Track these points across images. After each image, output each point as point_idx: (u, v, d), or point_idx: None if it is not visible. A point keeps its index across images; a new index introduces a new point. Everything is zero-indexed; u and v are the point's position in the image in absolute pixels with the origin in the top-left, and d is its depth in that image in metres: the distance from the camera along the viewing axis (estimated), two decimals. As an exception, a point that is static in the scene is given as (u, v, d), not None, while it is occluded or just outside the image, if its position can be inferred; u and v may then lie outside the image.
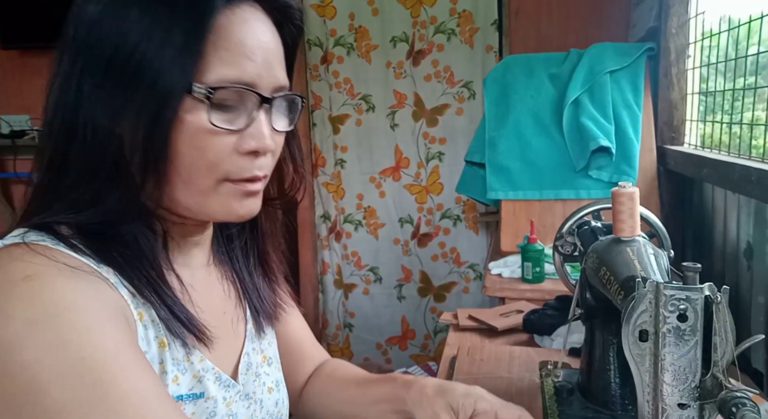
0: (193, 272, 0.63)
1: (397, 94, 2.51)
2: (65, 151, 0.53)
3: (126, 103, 0.51)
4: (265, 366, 0.70)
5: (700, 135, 1.64)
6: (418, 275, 2.63)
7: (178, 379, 0.56)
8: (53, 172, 0.54)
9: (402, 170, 2.57)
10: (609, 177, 1.69)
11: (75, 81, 0.52)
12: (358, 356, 2.70)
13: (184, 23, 0.50)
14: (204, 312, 0.61)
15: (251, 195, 0.58)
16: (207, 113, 0.52)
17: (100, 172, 0.53)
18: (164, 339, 0.55)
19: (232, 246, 0.70)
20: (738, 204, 1.29)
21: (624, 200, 0.74)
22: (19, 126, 2.61)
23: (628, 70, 1.76)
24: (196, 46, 0.51)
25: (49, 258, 0.49)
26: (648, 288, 0.53)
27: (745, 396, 0.48)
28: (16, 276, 0.47)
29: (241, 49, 0.53)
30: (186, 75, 0.50)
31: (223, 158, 0.54)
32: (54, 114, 0.53)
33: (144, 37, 0.50)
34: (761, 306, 1.16)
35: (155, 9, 0.51)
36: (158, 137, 0.51)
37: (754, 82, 1.26)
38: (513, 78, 1.86)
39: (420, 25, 2.44)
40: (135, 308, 0.53)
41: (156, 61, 0.50)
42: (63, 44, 0.54)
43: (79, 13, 0.53)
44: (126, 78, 0.50)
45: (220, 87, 0.52)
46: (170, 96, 0.50)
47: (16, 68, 2.65)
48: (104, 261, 0.52)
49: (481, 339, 1.25)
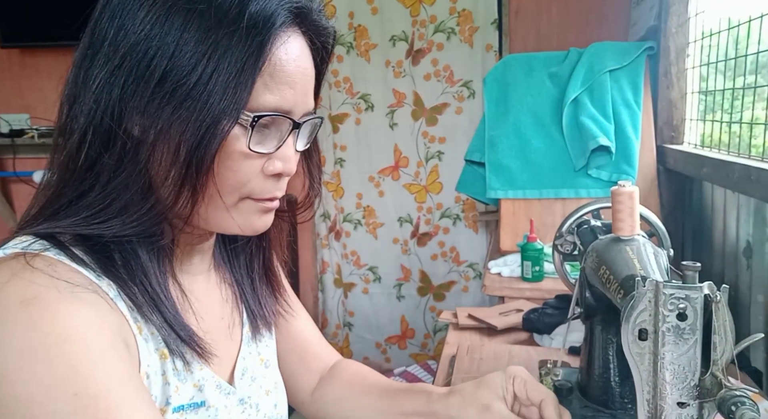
0: (193, 278, 0.63)
1: (397, 93, 2.51)
2: (94, 160, 0.52)
3: (173, 121, 0.50)
4: (262, 369, 0.70)
5: (700, 134, 1.64)
6: (418, 274, 2.63)
7: (179, 389, 0.56)
8: (75, 179, 0.53)
9: (401, 169, 2.57)
10: (608, 176, 1.69)
11: (118, 89, 0.50)
12: (357, 355, 2.70)
13: (244, 50, 0.50)
14: (203, 320, 0.61)
15: (269, 211, 0.59)
16: (246, 138, 0.52)
17: (133, 184, 0.52)
18: (164, 350, 0.55)
19: (235, 252, 0.70)
20: (737, 203, 1.29)
21: (623, 199, 0.74)
22: (18, 125, 2.61)
23: (627, 69, 1.76)
24: (253, 75, 0.50)
25: (50, 276, 0.48)
26: (647, 287, 0.53)
27: (745, 394, 0.48)
28: (15, 300, 0.46)
29: (285, 77, 0.53)
30: (238, 103, 0.50)
31: (250, 179, 0.55)
32: (87, 119, 0.51)
33: (202, 58, 0.49)
34: (760, 305, 1.17)
35: (215, 30, 0.49)
36: (202, 160, 0.50)
37: (754, 81, 1.26)
38: (513, 77, 1.86)
39: (420, 24, 2.43)
40: (134, 322, 0.52)
41: (211, 86, 0.49)
42: (97, 45, 0.52)
43: (123, 16, 0.51)
44: (177, 97, 0.49)
45: (263, 115, 0.52)
46: (220, 122, 0.50)
47: (15, 67, 2.65)
48: (105, 273, 0.52)
49: (481, 338, 1.25)
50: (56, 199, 0.54)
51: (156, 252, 0.56)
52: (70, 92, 0.54)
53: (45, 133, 2.49)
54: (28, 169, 2.62)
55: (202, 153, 0.50)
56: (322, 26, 0.57)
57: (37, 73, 2.62)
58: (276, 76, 0.52)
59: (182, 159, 0.50)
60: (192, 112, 0.49)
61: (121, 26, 0.51)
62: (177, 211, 0.53)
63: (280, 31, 0.52)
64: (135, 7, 0.51)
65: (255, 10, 0.50)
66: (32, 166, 2.63)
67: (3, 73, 2.66)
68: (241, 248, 0.70)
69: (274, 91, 0.52)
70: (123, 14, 0.51)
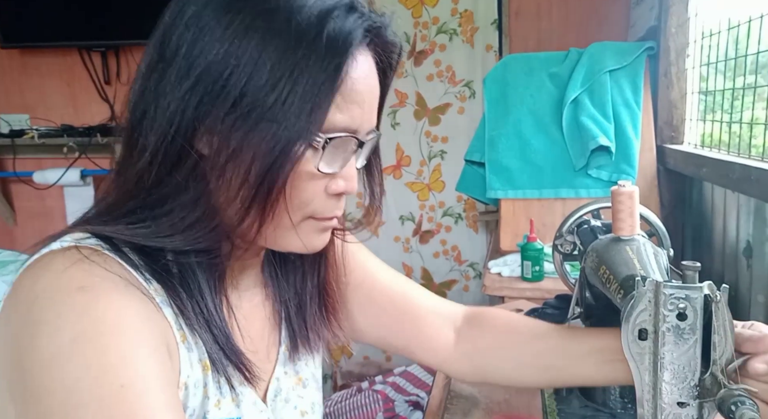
0: (240, 294, 0.63)
1: (399, 93, 2.51)
2: (163, 177, 0.51)
3: (247, 142, 0.49)
4: (299, 389, 0.68)
5: (700, 134, 1.64)
6: (420, 272, 2.63)
7: (220, 404, 0.56)
8: (141, 193, 0.52)
9: (403, 168, 2.57)
10: (608, 176, 1.69)
11: (192, 109, 0.49)
12: (358, 354, 2.70)
13: (322, 71, 0.48)
14: (248, 339, 0.60)
15: (328, 229, 0.59)
16: (316, 159, 0.51)
17: (201, 204, 0.51)
18: (207, 362, 0.54)
19: (285, 270, 0.68)
20: (737, 203, 1.29)
21: (623, 199, 0.74)
22: (18, 125, 2.61)
23: (627, 70, 1.76)
24: (329, 96, 0.49)
25: (106, 270, 0.48)
26: (647, 287, 0.53)
27: (744, 394, 0.48)
28: (72, 285, 0.46)
29: (355, 97, 0.52)
30: (314, 125, 0.49)
31: (314, 199, 0.54)
32: (159, 138, 0.50)
33: (280, 80, 0.48)
34: (760, 305, 1.17)
35: (293, 51, 0.48)
36: (274, 182, 0.49)
37: (754, 81, 1.26)
38: (513, 77, 1.86)
39: (422, 26, 2.44)
40: (177, 329, 0.52)
41: (287, 107, 0.48)
42: (169, 58, 0.50)
43: (197, 30, 0.49)
44: (253, 119, 0.48)
45: (334, 136, 0.51)
46: (294, 144, 0.49)
47: (15, 67, 2.65)
48: (156, 279, 0.51)
49: (481, 338, 1.25)
50: (117, 208, 0.53)
51: (212, 268, 0.55)
52: (137, 104, 0.52)
53: (45, 134, 2.49)
54: (28, 169, 2.62)
55: (275, 175, 0.49)
56: (391, 43, 0.56)
57: (38, 73, 2.62)
58: (347, 96, 0.51)
59: (253, 180, 0.49)
60: (267, 133, 0.48)
61: (195, 41, 0.49)
62: (242, 230, 0.52)
63: (355, 50, 0.51)
64: (211, 22, 0.49)
65: (333, 30, 0.49)
66: (32, 167, 2.63)
67: (3, 73, 2.65)
68: (293, 266, 0.69)
69: (344, 110, 0.51)
70: (197, 29, 0.49)
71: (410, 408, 1.69)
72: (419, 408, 1.66)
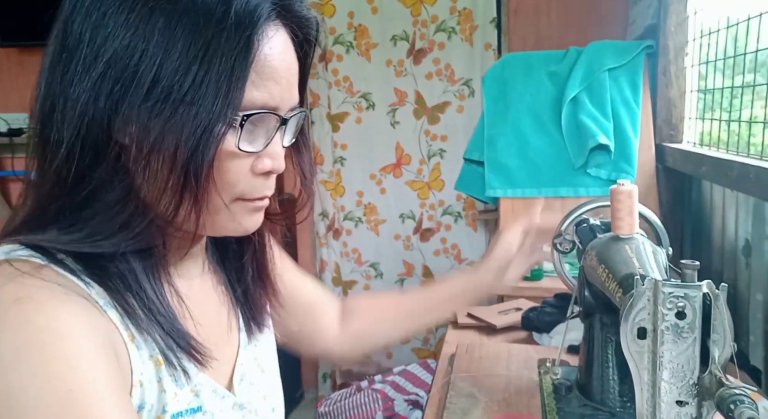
0: (189, 282, 0.62)
1: (398, 92, 2.51)
2: (84, 173, 0.49)
3: (168, 129, 0.48)
4: (259, 373, 0.69)
5: (699, 132, 1.64)
6: (421, 269, 2.63)
7: (177, 396, 0.55)
8: (64, 193, 0.50)
9: (403, 167, 2.57)
10: (608, 174, 1.69)
11: (104, 98, 0.48)
12: (357, 353, 2.71)
13: (233, 49, 0.48)
14: (201, 326, 0.60)
15: (259, 210, 0.58)
16: (235, 138, 0.51)
17: (131, 199, 0.50)
18: (159, 357, 0.53)
19: (227, 254, 0.69)
20: (736, 201, 1.29)
21: (622, 198, 0.74)
22: (17, 124, 2.61)
23: (626, 68, 1.76)
24: (244, 73, 0.48)
25: (41, 279, 0.47)
26: (646, 285, 0.53)
27: (744, 393, 0.48)
28: (9, 299, 0.45)
29: (271, 73, 0.51)
30: (233, 104, 0.48)
31: (240, 179, 0.53)
32: (74, 130, 0.49)
33: (193, 62, 0.47)
34: (759, 304, 1.17)
35: (203, 31, 0.47)
36: (201, 166, 0.48)
37: (753, 79, 1.26)
38: (512, 76, 1.86)
39: (421, 24, 2.44)
40: (124, 329, 0.51)
41: (204, 89, 0.47)
42: (72, 48, 0.49)
43: (98, 17, 0.48)
44: (170, 104, 0.47)
45: (252, 113, 0.50)
46: (215, 125, 0.48)
47: (14, 66, 2.64)
48: (97, 282, 0.50)
49: (480, 337, 1.25)
50: (41, 212, 0.52)
51: (150, 260, 0.54)
52: (45, 98, 0.50)
53: (44, 132, 2.49)
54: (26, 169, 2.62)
55: (200, 159, 0.48)
56: (304, 17, 0.55)
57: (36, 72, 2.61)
58: (262, 72, 0.51)
59: (180, 167, 0.48)
60: (187, 118, 0.47)
61: (97, 28, 0.48)
62: (179, 222, 0.52)
63: (265, 25, 0.50)
64: (113, 6, 0.48)
65: (240, 6, 0.48)
66: (31, 165, 2.62)
67: (2, 72, 2.65)
68: (232, 250, 0.69)
69: (261, 87, 0.51)
70: (100, 14, 0.48)
71: (409, 407, 1.69)
72: (418, 407, 1.67)
